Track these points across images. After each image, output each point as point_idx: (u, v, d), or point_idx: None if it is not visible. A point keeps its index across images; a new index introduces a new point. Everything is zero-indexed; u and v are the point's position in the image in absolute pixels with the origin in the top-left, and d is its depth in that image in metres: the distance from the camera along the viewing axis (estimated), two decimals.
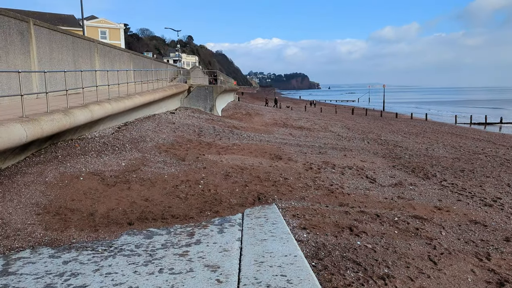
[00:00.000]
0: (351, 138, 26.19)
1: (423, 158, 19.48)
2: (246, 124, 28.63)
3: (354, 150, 20.28)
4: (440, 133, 35.02)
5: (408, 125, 42.62)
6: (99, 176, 9.83)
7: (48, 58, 15.48)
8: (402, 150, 21.96)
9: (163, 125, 19.04)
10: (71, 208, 7.76)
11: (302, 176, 12.73)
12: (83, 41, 18.70)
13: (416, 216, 9.44)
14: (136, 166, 11.29)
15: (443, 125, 46.63)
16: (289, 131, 28.28)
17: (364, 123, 42.36)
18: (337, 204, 10.02)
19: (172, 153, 13.69)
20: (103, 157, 11.53)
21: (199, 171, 11.78)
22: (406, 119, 54.24)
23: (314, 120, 40.19)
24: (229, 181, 11.06)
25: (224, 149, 15.91)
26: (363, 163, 16.43)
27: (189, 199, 9.12)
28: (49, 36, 15.51)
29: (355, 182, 12.70)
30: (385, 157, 18.79)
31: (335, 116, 53.46)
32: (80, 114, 11.53)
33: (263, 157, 15.39)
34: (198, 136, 18.43)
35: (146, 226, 7.16)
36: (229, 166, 12.82)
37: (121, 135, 14.33)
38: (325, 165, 14.99)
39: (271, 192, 10.35)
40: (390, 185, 12.80)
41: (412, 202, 10.86)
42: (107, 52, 21.96)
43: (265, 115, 41.97)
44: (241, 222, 7.39)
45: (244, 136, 20.92)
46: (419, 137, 30.46)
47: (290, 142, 21.11)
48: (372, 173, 14.45)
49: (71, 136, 12.20)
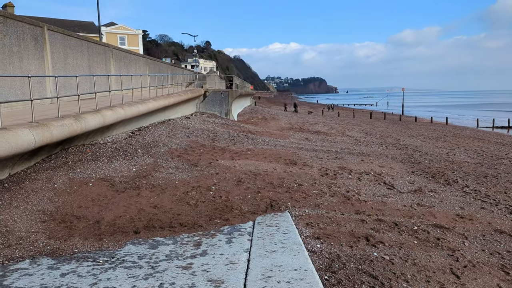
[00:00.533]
0: (368, 143, 25.64)
1: (444, 163, 18.86)
2: (261, 129, 28.34)
3: (371, 155, 19.77)
4: (461, 137, 34.10)
5: (428, 129, 41.70)
6: (108, 182, 9.65)
7: (63, 63, 15.50)
8: (421, 155, 21.34)
9: (177, 130, 18.89)
10: (77, 215, 7.57)
11: (317, 182, 12.35)
12: (98, 46, 18.74)
13: (437, 225, 8.97)
14: (147, 171, 11.09)
15: (464, 129, 45.49)
16: (305, 135, 27.88)
17: (383, 127, 41.62)
18: (353, 211, 9.62)
19: (185, 158, 13.48)
20: (114, 162, 11.37)
21: (211, 177, 11.52)
22: (426, 123, 53.15)
23: (331, 125, 39.66)
24: (241, 187, 10.76)
25: (237, 154, 15.64)
26: (381, 168, 15.95)
27: (199, 206, 8.85)
28: (64, 41, 15.53)
29: (372, 188, 12.26)
30: (404, 162, 18.25)
31: (352, 120, 52.76)
32: (91, 119, 11.41)
33: (277, 163, 15.05)
34: (212, 141, 18.21)
35: (152, 235, 6.90)
36: (242, 172, 12.53)
37: (134, 140, 14.19)
38: (341, 171, 14.57)
39: (285, 199, 10.01)
40: (409, 191, 12.31)
41: (432, 210, 10.38)
42: (122, 57, 21.99)
43: (281, 119, 41.62)
44: (251, 231, 7.07)
45: (258, 141, 20.63)
46: (440, 142, 29.68)
47: (305, 147, 20.72)
48: (390, 179, 13.97)
49: (83, 141, 12.10)
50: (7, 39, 12.03)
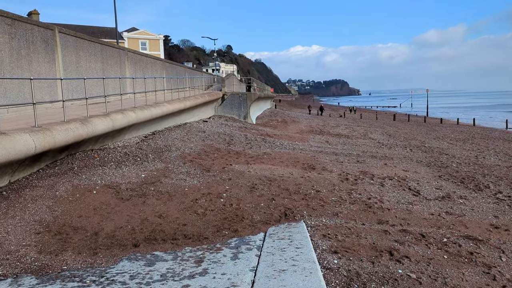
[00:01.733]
0: (392, 146, 24.61)
1: (473, 166, 17.77)
2: (280, 132, 27.64)
3: (395, 158, 18.83)
4: (490, 139, 32.58)
5: (454, 131, 40.15)
6: (114, 189, 9.15)
7: (75, 66, 15.20)
8: (448, 158, 20.24)
9: (192, 133, 18.40)
10: (75, 226, 7.06)
11: (337, 188, 11.59)
12: (113, 49, 18.44)
13: (469, 237, 8.11)
14: (156, 177, 10.57)
15: (493, 131, 43.67)
16: (326, 138, 27.03)
17: (407, 129, 40.29)
18: (375, 221, 8.84)
19: (198, 163, 12.92)
20: (122, 168, 10.90)
21: (223, 183, 10.91)
22: (452, 125, 51.38)
23: (353, 127, 38.62)
24: (255, 194, 10.11)
25: (253, 159, 15.00)
26: (406, 172, 15.04)
27: (207, 215, 8.24)
28: (76, 44, 15.24)
29: (396, 195, 11.42)
30: (429, 166, 17.26)
31: (375, 122, 51.45)
32: (100, 123, 10.97)
33: (294, 167, 14.35)
34: (228, 145, 17.63)
35: (152, 248, 6.32)
36: (257, 177, 11.88)
37: (145, 145, 13.73)
38: (362, 176, 13.76)
39: (300, 207, 9.31)
40: (437, 198, 11.42)
41: (463, 219, 9.50)
42: (138, 61, 21.70)
43: (302, 122, 40.82)
44: (261, 245, 6.42)
45: (276, 144, 19.95)
46: (467, 144, 28.34)
47: (325, 151, 19.93)
48: (415, 184, 13.08)
49: (92, 146, 11.68)
50: (15, 42, 11.74)
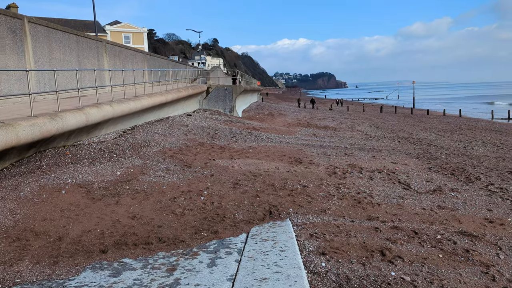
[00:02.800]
0: (380, 138, 24.23)
1: (462, 157, 17.45)
2: (266, 125, 27.07)
3: (383, 150, 18.41)
4: (478, 130, 32.47)
5: (441, 122, 40.04)
6: (85, 189, 8.49)
7: (47, 58, 14.36)
8: (437, 149, 19.92)
9: (174, 128, 17.72)
10: (38, 231, 6.41)
11: (324, 182, 11.08)
12: (90, 41, 17.59)
13: (464, 233, 7.67)
14: (132, 175, 9.93)
15: (479, 121, 43.74)
16: (313, 131, 26.55)
17: (394, 121, 40.06)
18: (365, 217, 8.35)
19: (178, 158, 12.29)
20: (96, 165, 10.22)
21: (204, 179, 10.31)
22: (439, 116, 51.37)
23: (340, 119, 38.24)
24: (238, 191, 9.54)
25: (238, 153, 14.41)
26: (395, 165, 14.62)
27: (185, 215, 7.65)
28: (48, 34, 14.40)
29: (386, 188, 10.96)
30: (418, 157, 16.87)
31: (362, 114, 51.19)
32: (71, 118, 10.26)
33: (281, 161, 13.81)
34: (212, 139, 17.00)
35: (121, 255, 5.71)
36: (241, 173, 11.31)
37: (123, 140, 13.03)
38: (351, 169, 13.28)
39: (286, 204, 8.78)
40: (428, 191, 10.99)
41: (456, 213, 9.06)
42: (117, 53, 20.84)
43: (289, 115, 40.29)
44: (242, 248, 5.86)
45: (262, 137, 19.38)
46: (455, 135, 28.13)
47: (313, 144, 19.43)
48: (405, 177, 12.65)
49: (64, 142, 10.97)
50: None
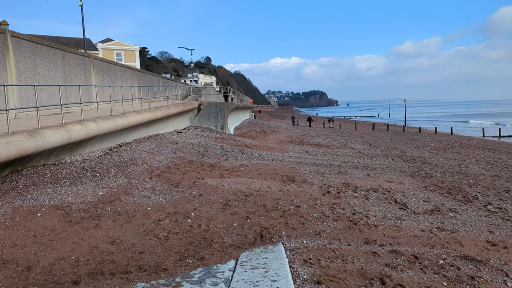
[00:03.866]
0: (373, 155, 23.88)
1: (458, 176, 17.10)
2: (258, 142, 26.64)
3: (378, 168, 18.02)
4: (470, 148, 32.32)
5: (433, 139, 39.91)
6: (63, 211, 7.93)
7: (31, 73, 13.89)
8: (431, 167, 19.58)
9: (163, 145, 17.20)
10: (5, 258, 5.84)
11: (318, 202, 10.60)
12: (77, 56, 17.16)
13: (467, 257, 7.20)
14: (116, 195, 9.38)
15: (471, 139, 43.73)
16: (306, 148, 26.15)
17: (386, 138, 39.87)
18: (362, 240, 7.86)
19: (166, 177, 11.77)
20: (78, 185, 9.66)
21: (192, 199, 9.79)
22: (430, 134, 51.38)
23: (332, 137, 37.95)
24: (227, 212, 9.03)
25: (228, 171, 13.92)
26: (390, 184, 14.20)
27: (170, 239, 7.11)
28: (32, 49, 13.95)
29: (382, 209, 10.50)
30: (413, 176, 16.49)
31: (355, 132, 51.04)
32: (52, 135, 9.73)
33: (273, 180, 13.33)
34: (202, 156, 16.50)
35: (96, 286, 5.16)
36: (231, 192, 10.80)
37: (108, 158, 12.48)
38: (345, 188, 12.83)
39: (278, 226, 8.28)
40: (425, 211, 10.55)
41: (457, 236, 8.61)
42: (106, 69, 20.41)
43: (281, 132, 39.94)
44: (230, 277, 5.34)
45: (254, 155, 18.91)
46: (448, 153, 27.90)
47: (305, 161, 19.00)
48: (401, 196, 12.22)
49: (44, 161, 10.41)
50: None
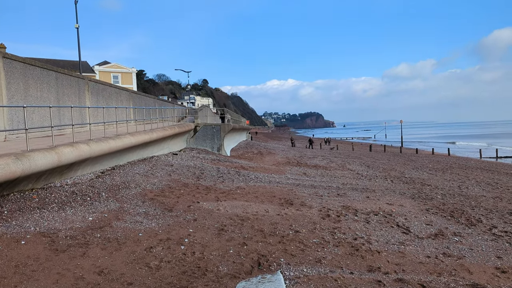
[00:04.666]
0: (372, 177, 23.53)
1: (459, 198, 16.75)
2: (255, 164, 26.26)
3: (377, 190, 17.65)
4: (469, 169, 32.04)
5: (431, 160, 39.65)
6: (49, 238, 7.50)
7: (23, 95, 13.58)
8: (431, 189, 19.23)
9: (158, 168, 16.81)
10: None
11: (318, 227, 10.20)
12: (70, 78, 16.90)
13: (477, 286, 6.81)
14: (106, 221, 8.95)
15: (469, 160, 43.51)
16: (303, 170, 25.78)
17: (384, 160, 39.57)
18: (365, 268, 7.45)
19: (159, 201, 11.35)
20: (66, 210, 9.24)
21: (186, 224, 9.36)
22: (428, 155, 51.18)
23: (330, 158, 37.62)
24: (223, 238, 8.60)
25: (224, 194, 13.51)
26: (390, 206, 13.82)
27: (162, 268, 6.68)
28: (25, 71, 13.69)
29: (384, 233, 10.10)
30: (414, 198, 16.12)
31: (352, 153, 50.78)
32: (41, 158, 9.36)
33: (270, 203, 12.93)
34: (197, 179, 16.10)
35: None
36: (227, 217, 10.39)
37: (100, 182, 12.07)
38: (345, 211, 12.44)
39: (277, 253, 7.86)
40: (429, 236, 10.16)
41: (464, 262, 8.21)
42: (100, 91, 20.16)
43: (278, 153, 39.59)
44: None
45: (251, 177, 18.52)
46: (447, 174, 27.58)
47: (303, 183, 18.61)
48: (403, 219, 11.83)
49: (32, 185, 10.00)
50: None
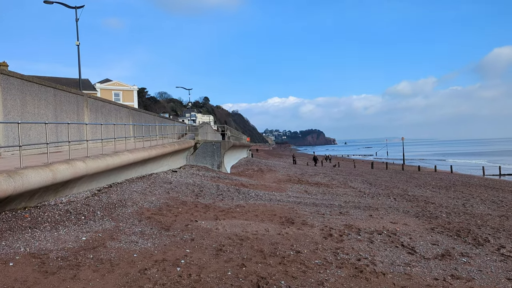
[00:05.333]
0: (374, 195, 23.16)
1: (464, 216, 16.37)
2: (256, 181, 25.93)
3: (380, 208, 17.28)
4: (472, 186, 31.66)
5: (434, 178, 39.28)
6: (39, 259, 7.16)
7: (20, 112, 13.39)
8: (435, 207, 18.85)
9: (156, 185, 16.50)
10: None
11: (320, 247, 9.84)
12: (69, 95, 16.75)
13: None
14: (100, 241, 8.62)
15: (472, 177, 43.13)
16: (305, 187, 25.44)
17: (386, 177, 39.21)
18: None
19: (156, 220, 11.02)
20: (59, 230, 8.91)
21: (183, 244, 9.02)
22: (430, 172, 50.82)
23: (331, 175, 37.28)
24: (221, 259, 8.25)
25: (223, 213, 13.17)
26: (394, 225, 13.45)
27: None
28: (22, 87, 13.52)
29: (389, 254, 9.73)
30: (418, 216, 15.74)
31: (354, 170, 50.43)
32: (34, 175, 9.09)
33: (271, 222, 12.58)
34: (196, 197, 15.77)
35: None
36: (225, 236, 10.04)
37: (95, 200, 11.76)
38: (348, 230, 12.08)
39: (277, 275, 7.50)
40: (436, 256, 9.78)
41: (473, 285, 7.84)
42: (99, 107, 20.00)
43: (279, 171, 39.27)
44: None
45: (251, 195, 18.19)
46: (451, 191, 27.20)
47: (305, 201, 18.26)
48: (408, 239, 11.46)
49: (25, 203, 9.71)
50: None
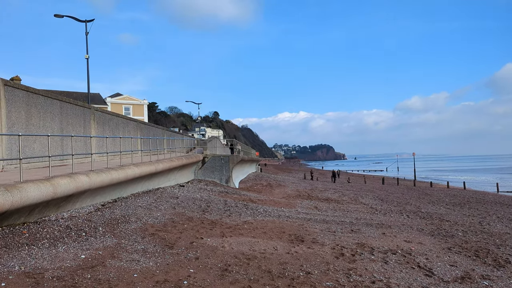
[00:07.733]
0: (387, 211, 22.49)
1: (481, 235, 15.67)
2: (264, 197, 25.41)
3: (393, 226, 16.65)
4: (487, 203, 30.76)
5: (447, 195, 38.37)
6: (33, 279, 6.76)
7: (24, 124, 13.16)
8: (451, 225, 18.15)
9: (162, 200, 16.10)
10: None
11: (331, 267, 9.31)
12: (75, 107, 16.55)
13: None
14: (100, 259, 8.20)
15: (486, 194, 42.09)
16: (314, 203, 24.84)
17: (398, 193, 38.39)
18: None
19: (160, 237, 10.58)
20: (58, 247, 8.52)
21: (187, 263, 8.56)
22: (443, 189, 49.77)
23: (342, 191, 36.60)
24: (226, 280, 7.77)
25: (230, 229, 12.70)
26: (409, 244, 12.85)
27: None
28: (27, 99, 13.32)
29: (405, 275, 9.17)
30: (433, 235, 15.09)
31: (364, 186, 49.60)
32: (34, 189, 8.75)
33: (279, 239, 12.07)
34: (203, 212, 15.33)
35: None
36: (232, 255, 9.56)
37: (98, 215, 11.38)
38: (360, 249, 11.52)
39: None
40: (455, 279, 9.19)
41: None
42: (107, 121, 19.80)
43: (288, 186, 38.70)
44: None
45: (259, 211, 17.68)
46: (465, 209, 26.40)
47: (315, 218, 17.70)
48: (424, 259, 10.86)
49: (24, 218, 9.35)
50: None
